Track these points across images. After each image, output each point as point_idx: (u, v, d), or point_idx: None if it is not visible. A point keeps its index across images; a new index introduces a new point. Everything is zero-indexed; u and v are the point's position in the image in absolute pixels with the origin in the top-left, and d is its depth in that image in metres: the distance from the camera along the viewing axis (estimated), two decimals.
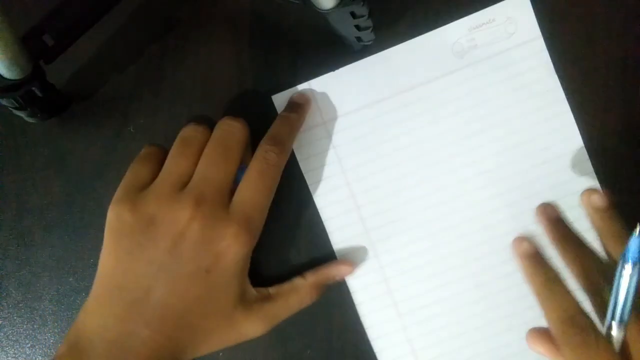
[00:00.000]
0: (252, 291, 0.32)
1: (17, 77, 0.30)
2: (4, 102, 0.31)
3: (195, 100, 0.37)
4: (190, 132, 0.33)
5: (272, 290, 0.33)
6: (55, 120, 0.37)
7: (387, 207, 0.36)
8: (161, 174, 0.32)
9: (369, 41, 0.35)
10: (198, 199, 0.30)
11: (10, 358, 0.36)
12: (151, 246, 0.30)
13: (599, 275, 0.29)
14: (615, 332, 0.27)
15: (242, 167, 0.33)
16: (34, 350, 0.36)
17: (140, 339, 0.29)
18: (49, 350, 0.36)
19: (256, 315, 0.32)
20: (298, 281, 0.34)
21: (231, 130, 0.32)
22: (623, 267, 0.27)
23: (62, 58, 0.32)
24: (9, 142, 0.37)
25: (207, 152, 0.32)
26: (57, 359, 0.30)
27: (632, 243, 0.27)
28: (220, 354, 0.36)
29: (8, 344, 0.36)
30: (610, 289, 0.27)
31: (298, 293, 0.33)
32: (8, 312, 0.36)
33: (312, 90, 0.36)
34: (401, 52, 0.36)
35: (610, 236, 0.30)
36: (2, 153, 0.37)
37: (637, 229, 0.27)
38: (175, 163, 0.32)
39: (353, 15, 0.31)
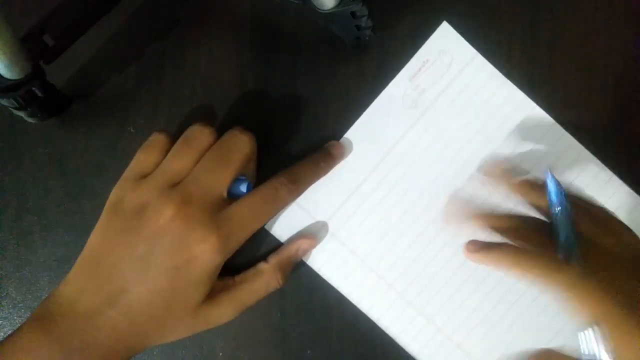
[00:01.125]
0: (217, 282, 0.33)
1: (17, 77, 0.30)
2: (4, 102, 0.31)
3: (195, 100, 0.37)
4: (194, 132, 0.33)
5: (237, 277, 0.34)
6: (55, 120, 0.37)
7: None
8: (159, 167, 0.32)
9: (367, 40, 0.35)
10: (185, 199, 0.30)
11: None
12: (135, 233, 0.31)
13: (541, 234, 0.33)
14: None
15: (241, 180, 0.33)
16: None
17: (107, 318, 0.30)
18: None
19: (222, 303, 0.32)
20: (261, 265, 0.34)
21: (237, 141, 0.32)
22: (554, 210, 0.32)
23: (62, 58, 0.32)
24: (9, 142, 0.37)
25: (207, 156, 0.32)
26: (28, 321, 0.30)
27: (550, 185, 0.32)
28: (220, 354, 0.36)
29: None
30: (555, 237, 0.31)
31: (262, 276, 0.34)
32: (8, 312, 0.36)
33: (349, 141, 0.36)
34: (358, 130, 0.36)
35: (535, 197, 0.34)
36: (2, 153, 0.37)
37: (549, 173, 0.32)
38: (173, 160, 0.32)
39: (353, 15, 0.31)
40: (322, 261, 0.36)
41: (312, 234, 0.36)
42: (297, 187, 0.34)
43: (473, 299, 0.35)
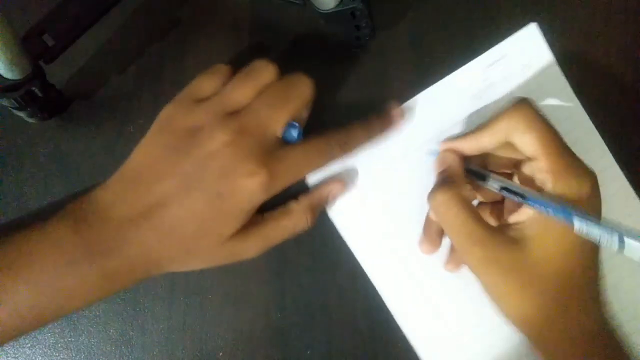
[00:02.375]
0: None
1: (17, 77, 0.30)
2: (4, 102, 0.31)
3: None
4: (259, 65, 0.32)
5: (266, 214, 0.34)
6: (55, 120, 0.37)
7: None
8: (219, 93, 0.32)
9: (367, 40, 0.35)
10: (241, 129, 0.30)
11: (10, 358, 0.36)
12: (184, 153, 0.30)
13: None
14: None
15: (293, 125, 0.32)
16: (33, 350, 0.36)
17: (138, 231, 0.30)
18: (48, 351, 0.36)
19: (250, 238, 0.32)
20: (291, 204, 0.34)
21: (301, 82, 0.32)
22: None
23: (62, 58, 0.32)
24: (9, 142, 0.37)
25: (269, 91, 0.32)
26: (59, 215, 0.31)
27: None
28: (220, 354, 0.36)
29: (8, 344, 0.36)
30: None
31: (291, 215, 0.34)
32: None
33: (409, 109, 0.36)
34: (418, 103, 0.36)
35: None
36: (2, 153, 0.37)
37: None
38: (233, 89, 0.32)
39: (353, 15, 0.31)
40: (345, 219, 0.36)
41: (344, 180, 0.35)
42: (350, 148, 0.34)
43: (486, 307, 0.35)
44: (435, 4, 0.36)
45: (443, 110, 0.36)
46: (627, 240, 0.26)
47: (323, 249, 0.36)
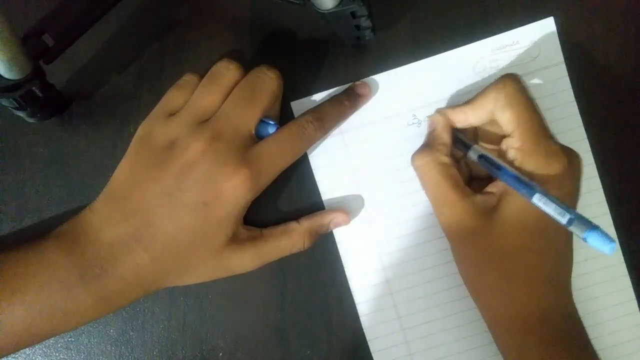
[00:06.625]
0: (244, 230, 0.33)
1: (17, 77, 0.30)
2: (4, 102, 0.31)
3: None
4: (220, 68, 0.33)
5: (264, 230, 0.34)
6: (55, 120, 0.37)
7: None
8: (187, 104, 0.32)
9: (367, 40, 0.35)
10: (215, 135, 0.31)
11: (10, 358, 0.36)
12: (163, 168, 0.31)
13: None
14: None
15: (269, 123, 0.33)
16: (33, 350, 0.36)
17: (130, 252, 0.30)
18: (48, 351, 0.36)
19: (246, 251, 0.32)
20: (292, 224, 0.34)
21: (264, 78, 0.32)
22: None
23: (62, 58, 0.32)
24: (9, 142, 0.37)
25: (235, 93, 0.32)
26: (51, 238, 0.31)
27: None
28: (220, 354, 0.36)
29: None
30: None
31: (290, 236, 0.34)
32: None
33: (375, 82, 0.36)
34: (422, 68, 0.36)
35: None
36: (2, 153, 0.37)
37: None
38: (200, 96, 0.32)
39: (353, 15, 0.31)
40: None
41: (350, 210, 0.35)
42: (323, 124, 0.33)
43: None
44: (435, 5, 0.36)
45: (445, 80, 0.36)
46: (572, 226, 0.27)
47: (323, 249, 0.36)
